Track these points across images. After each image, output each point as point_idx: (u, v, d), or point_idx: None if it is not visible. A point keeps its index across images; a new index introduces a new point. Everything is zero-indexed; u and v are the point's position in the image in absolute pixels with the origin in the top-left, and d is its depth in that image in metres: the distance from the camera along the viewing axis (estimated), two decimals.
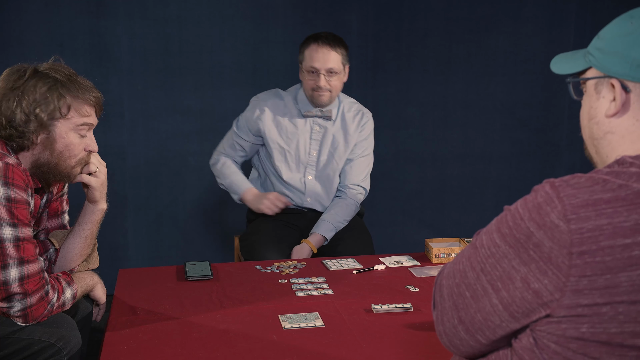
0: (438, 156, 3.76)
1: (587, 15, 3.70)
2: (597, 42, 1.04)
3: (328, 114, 2.61)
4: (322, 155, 2.64)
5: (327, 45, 2.48)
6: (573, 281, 0.90)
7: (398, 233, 3.78)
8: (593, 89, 1.05)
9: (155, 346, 1.57)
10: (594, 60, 1.03)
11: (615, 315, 0.89)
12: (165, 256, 3.54)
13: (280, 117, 2.61)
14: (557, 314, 0.92)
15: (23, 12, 3.22)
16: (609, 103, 1.02)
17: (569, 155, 3.86)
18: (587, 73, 1.06)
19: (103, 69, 3.34)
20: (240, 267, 2.21)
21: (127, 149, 3.42)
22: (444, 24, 3.63)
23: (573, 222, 0.90)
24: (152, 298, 1.89)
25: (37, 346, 1.62)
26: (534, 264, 0.92)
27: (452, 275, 1.06)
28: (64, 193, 1.94)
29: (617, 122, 1.02)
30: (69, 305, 1.72)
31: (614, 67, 1.00)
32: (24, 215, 1.59)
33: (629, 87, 0.99)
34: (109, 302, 1.93)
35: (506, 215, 0.98)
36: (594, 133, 1.06)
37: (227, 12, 3.42)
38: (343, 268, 2.18)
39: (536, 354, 0.96)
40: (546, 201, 0.93)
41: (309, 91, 2.55)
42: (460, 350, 1.07)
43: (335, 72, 2.51)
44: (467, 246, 1.06)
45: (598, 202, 0.91)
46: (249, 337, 1.61)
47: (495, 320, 0.98)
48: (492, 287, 0.98)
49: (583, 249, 0.89)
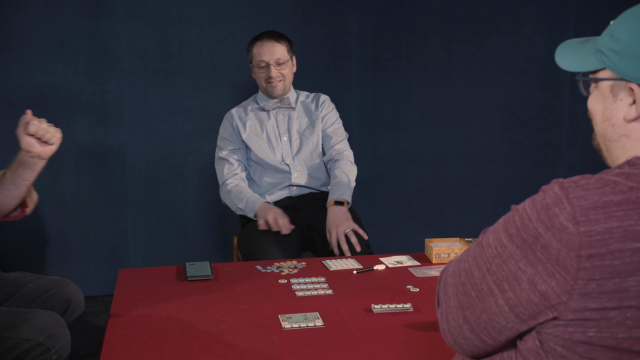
0: (438, 156, 3.76)
1: (587, 15, 3.70)
2: (612, 44, 1.00)
3: (287, 102, 2.77)
4: (293, 138, 2.77)
5: (271, 39, 2.67)
6: (581, 284, 0.88)
7: (398, 233, 3.78)
8: (608, 91, 1.02)
9: (155, 346, 1.57)
10: (610, 63, 1.00)
11: (624, 320, 0.88)
12: (165, 256, 3.54)
13: (246, 117, 2.77)
14: (564, 317, 0.91)
15: (23, 12, 3.22)
16: (627, 107, 0.99)
17: (569, 155, 3.86)
18: (601, 73, 1.03)
19: (103, 69, 3.34)
20: (240, 267, 2.21)
21: (127, 149, 3.42)
22: (444, 24, 3.63)
23: (582, 224, 0.88)
24: (152, 298, 1.89)
25: (26, 345, 1.61)
26: (541, 265, 0.91)
27: (458, 273, 1.04)
28: None
29: (633, 126, 1.00)
30: None
31: (632, 72, 0.97)
32: None
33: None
34: (109, 302, 1.93)
35: (514, 215, 0.97)
36: (608, 134, 1.04)
37: (227, 12, 3.42)
38: (343, 268, 2.18)
39: (542, 356, 0.95)
40: (555, 202, 0.91)
41: (263, 84, 2.72)
42: (465, 350, 1.06)
43: (283, 61, 2.68)
44: (473, 244, 1.05)
45: (608, 204, 0.89)
46: (249, 337, 1.61)
47: (501, 321, 0.97)
48: (498, 287, 0.96)
49: (592, 252, 0.87)
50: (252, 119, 2.78)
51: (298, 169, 2.74)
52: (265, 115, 2.78)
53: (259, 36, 2.72)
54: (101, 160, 3.41)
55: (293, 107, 2.79)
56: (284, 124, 2.78)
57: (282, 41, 2.70)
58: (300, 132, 2.78)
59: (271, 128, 2.77)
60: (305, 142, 2.77)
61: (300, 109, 2.82)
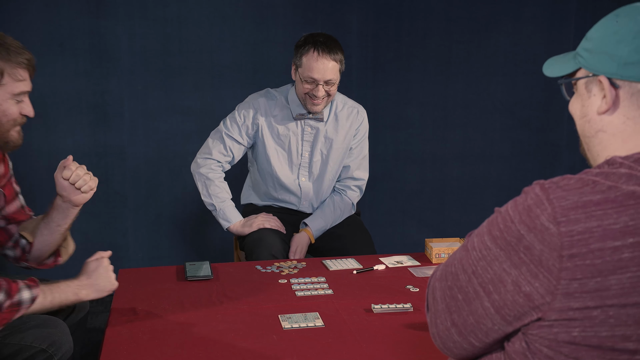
0: (438, 156, 3.76)
1: (587, 15, 3.70)
2: (585, 43, 1.05)
3: (320, 116, 2.57)
4: (315, 156, 2.62)
5: (326, 54, 2.39)
6: (564, 284, 0.89)
7: (398, 233, 3.78)
8: (584, 88, 1.06)
9: (155, 346, 1.57)
10: (583, 61, 1.05)
11: (606, 319, 0.89)
12: (165, 256, 3.54)
13: (272, 118, 2.58)
14: (548, 317, 0.92)
15: (23, 12, 3.22)
16: (600, 100, 1.02)
17: (569, 155, 3.86)
18: (578, 74, 1.07)
19: (103, 69, 3.34)
20: (240, 267, 2.21)
21: (127, 149, 3.42)
22: (444, 24, 3.63)
23: (563, 224, 0.89)
24: (152, 298, 1.89)
25: (29, 352, 1.60)
26: (525, 266, 0.92)
27: (445, 277, 1.05)
28: (11, 175, 1.88)
29: (608, 120, 1.02)
30: (26, 308, 1.60)
31: (602, 66, 1.01)
32: None
33: (617, 84, 1.00)
34: (109, 302, 1.93)
35: (497, 218, 0.99)
36: (586, 131, 1.07)
37: (227, 12, 3.42)
38: (343, 268, 2.18)
39: (528, 358, 0.96)
40: (536, 203, 0.93)
41: (303, 95, 2.49)
42: (454, 353, 1.07)
43: (334, 82, 2.45)
44: (459, 248, 1.06)
45: (588, 204, 0.90)
46: (249, 337, 1.61)
47: (487, 323, 0.98)
48: (484, 290, 0.97)
49: (573, 251, 0.89)
50: (279, 123, 2.58)
51: (309, 197, 2.66)
52: (294, 124, 2.58)
53: (315, 43, 2.41)
54: (101, 160, 3.41)
55: (325, 120, 2.59)
56: (309, 139, 2.60)
57: (337, 56, 2.43)
58: (324, 153, 2.62)
59: (295, 142, 2.59)
60: (324, 164, 2.63)
61: (331, 123, 2.60)
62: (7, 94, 1.63)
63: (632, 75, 0.98)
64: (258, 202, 2.75)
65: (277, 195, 2.68)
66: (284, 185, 2.63)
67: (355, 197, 2.72)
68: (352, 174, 2.69)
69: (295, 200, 2.68)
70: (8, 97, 1.63)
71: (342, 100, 2.65)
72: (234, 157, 2.62)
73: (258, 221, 2.53)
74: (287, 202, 2.69)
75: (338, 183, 2.71)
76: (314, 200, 2.69)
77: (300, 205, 2.68)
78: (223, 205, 2.56)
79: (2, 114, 1.64)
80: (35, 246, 1.80)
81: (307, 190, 2.65)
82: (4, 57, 1.60)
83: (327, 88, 2.44)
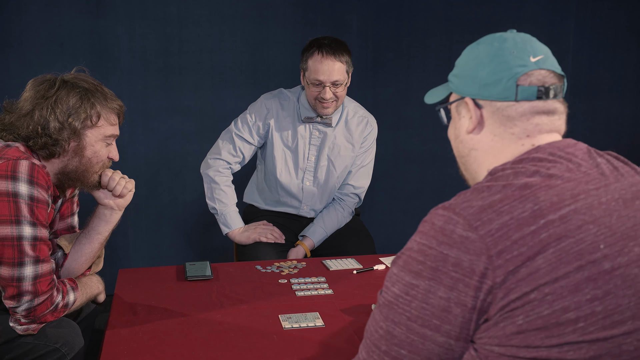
0: (438, 156, 3.76)
1: (587, 15, 3.70)
2: (454, 70, 1.16)
3: (329, 120, 2.57)
4: (321, 161, 2.61)
5: (331, 55, 2.40)
6: (499, 282, 0.92)
7: (398, 233, 3.78)
8: (455, 111, 1.15)
9: (155, 346, 1.57)
10: (453, 86, 1.15)
11: (544, 298, 0.92)
12: (165, 256, 3.54)
13: (283, 119, 2.58)
14: (492, 316, 0.94)
15: (23, 12, 3.22)
16: (468, 121, 1.11)
17: None
18: (450, 98, 1.16)
19: (103, 69, 3.34)
20: (240, 267, 2.21)
21: (127, 149, 3.42)
22: (444, 24, 3.63)
23: (480, 228, 0.93)
24: (152, 298, 1.89)
25: (42, 350, 1.64)
26: (461, 283, 0.94)
27: (374, 347, 1.02)
28: (75, 195, 1.95)
29: (477, 139, 1.10)
30: (69, 309, 1.72)
31: (466, 89, 1.11)
32: (43, 216, 1.61)
33: (480, 104, 1.08)
34: (109, 302, 1.93)
35: (408, 256, 0.99)
36: (460, 151, 1.15)
37: (227, 12, 3.42)
38: (343, 268, 2.18)
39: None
40: (446, 221, 0.96)
41: (312, 100, 2.49)
42: None
43: (340, 83, 2.45)
44: (373, 313, 1.04)
45: (493, 204, 0.95)
46: (249, 337, 1.61)
47: (449, 353, 0.98)
48: (430, 327, 0.97)
49: (499, 248, 0.92)
50: (288, 124, 2.58)
51: (310, 202, 2.67)
52: (302, 126, 2.59)
53: (320, 46, 2.43)
54: None
55: (334, 125, 2.59)
56: (316, 143, 2.60)
57: (343, 57, 2.44)
58: (331, 158, 2.61)
59: (302, 145, 2.59)
60: (329, 169, 2.63)
61: (341, 130, 2.60)
62: (101, 135, 1.73)
63: (491, 95, 1.07)
64: (260, 204, 2.74)
65: (278, 197, 2.67)
66: (286, 187, 2.63)
67: (354, 204, 2.72)
68: (353, 182, 2.69)
69: (296, 204, 2.68)
70: (100, 139, 1.74)
71: (354, 109, 2.65)
72: (244, 158, 2.62)
73: (255, 234, 2.53)
74: (288, 205, 2.68)
75: (338, 189, 2.71)
76: (315, 206, 2.68)
77: (300, 209, 2.68)
78: (225, 210, 2.57)
79: (94, 154, 1.74)
80: (70, 256, 1.82)
81: (309, 195, 2.65)
82: (101, 102, 1.71)
83: (334, 90, 2.45)
